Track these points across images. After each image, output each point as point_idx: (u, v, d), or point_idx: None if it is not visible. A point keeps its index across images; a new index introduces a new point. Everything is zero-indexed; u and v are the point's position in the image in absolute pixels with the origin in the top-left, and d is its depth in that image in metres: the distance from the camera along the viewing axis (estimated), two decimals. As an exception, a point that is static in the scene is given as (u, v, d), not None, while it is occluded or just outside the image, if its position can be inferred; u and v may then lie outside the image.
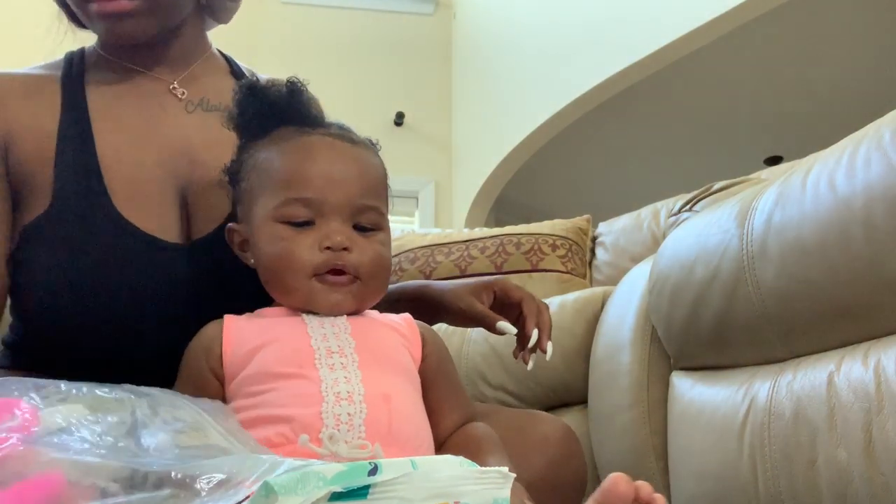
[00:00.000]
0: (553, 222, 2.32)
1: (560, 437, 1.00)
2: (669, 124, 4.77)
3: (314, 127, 0.89)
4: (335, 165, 0.85)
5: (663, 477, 1.37)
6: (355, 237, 0.83)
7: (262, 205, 0.85)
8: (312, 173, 0.83)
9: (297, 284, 0.82)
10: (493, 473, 0.49)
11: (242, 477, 0.43)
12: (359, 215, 0.84)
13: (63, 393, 0.54)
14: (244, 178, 0.89)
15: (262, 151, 0.88)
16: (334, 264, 0.82)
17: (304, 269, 0.82)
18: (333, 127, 0.91)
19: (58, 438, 0.46)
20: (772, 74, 4.28)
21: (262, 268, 0.86)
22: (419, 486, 0.46)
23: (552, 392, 1.70)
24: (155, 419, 0.54)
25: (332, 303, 0.83)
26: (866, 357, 0.95)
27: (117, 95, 1.01)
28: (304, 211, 0.82)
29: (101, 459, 0.44)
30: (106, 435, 0.50)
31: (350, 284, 0.83)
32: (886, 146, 0.94)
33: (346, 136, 0.89)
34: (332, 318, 0.83)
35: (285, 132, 0.88)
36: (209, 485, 0.43)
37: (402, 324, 0.88)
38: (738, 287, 1.12)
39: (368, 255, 0.83)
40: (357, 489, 0.45)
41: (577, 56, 4.20)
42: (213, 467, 0.45)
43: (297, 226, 0.83)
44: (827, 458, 0.96)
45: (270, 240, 0.83)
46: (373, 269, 0.84)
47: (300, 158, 0.85)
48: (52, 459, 0.43)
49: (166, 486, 0.43)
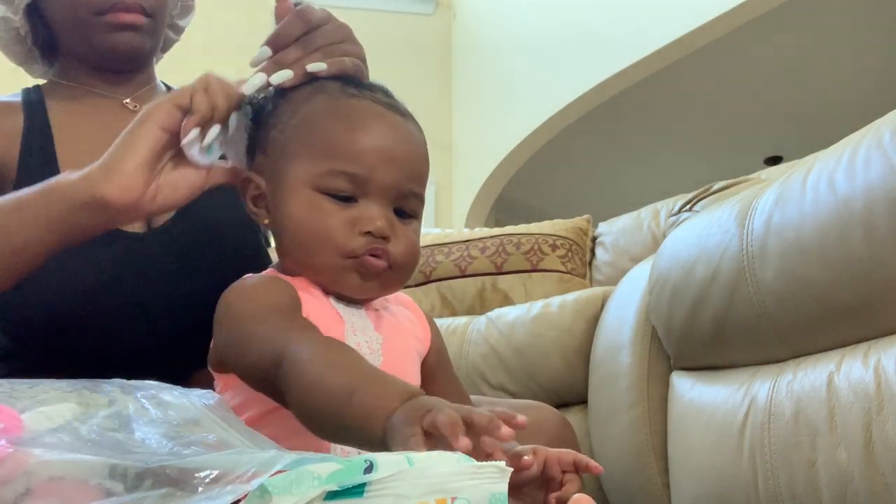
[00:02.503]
0: (553, 222, 2.32)
1: (554, 425, 1.01)
2: (670, 124, 4.77)
3: (359, 88, 0.82)
4: (389, 143, 0.78)
5: (663, 477, 1.37)
6: (395, 224, 0.78)
7: (299, 167, 0.78)
8: (364, 147, 0.77)
9: (328, 262, 0.76)
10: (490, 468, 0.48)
11: (239, 472, 0.43)
12: (402, 200, 0.79)
13: (49, 392, 0.54)
14: (276, 128, 0.81)
15: (304, 105, 0.81)
16: (372, 251, 0.76)
17: (339, 249, 0.76)
18: (379, 91, 0.83)
19: (49, 438, 0.46)
20: (772, 74, 4.28)
21: (288, 235, 0.79)
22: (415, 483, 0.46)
23: (552, 392, 1.70)
24: (147, 413, 0.54)
25: (364, 287, 0.78)
26: (866, 357, 0.95)
27: (76, 111, 1.06)
28: (347, 185, 0.76)
29: (94, 457, 0.44)
30: (97, 432, 0.49)
31: (383, 271, 0.78)
32: (886, 146, 0.94)
33: (396, 106, 0.83)
34: (358, 310, 0.80)
35: (328, 86, 0.81)
36: (205, 481, 0.43)
37: (413, 319, 0.86)
38: (738, 287, 1.12)
39: (405, 246, 0.78)
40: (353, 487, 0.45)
41: (576, 56, 4.20)
42: (210, 463, 0.44)
43: (338, 199, 0.77)
44: (827, 459, 0.96)
45: (305, 209, 0.77)
46: (406, 261, 0.79)
47: (351, 127, 0.78)
48: (46, 461, 0.43)
49: (161, 482, 0.42)
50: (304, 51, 0.83)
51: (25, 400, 0.51)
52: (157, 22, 1.06)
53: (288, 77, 0.81)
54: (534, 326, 1.74)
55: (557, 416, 1.03)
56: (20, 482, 0.42)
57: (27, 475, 0.42)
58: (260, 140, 0.83)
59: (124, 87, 1.09)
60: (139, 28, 1.02)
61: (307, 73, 0.81)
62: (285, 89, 0.82)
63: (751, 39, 3.84)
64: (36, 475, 0.42)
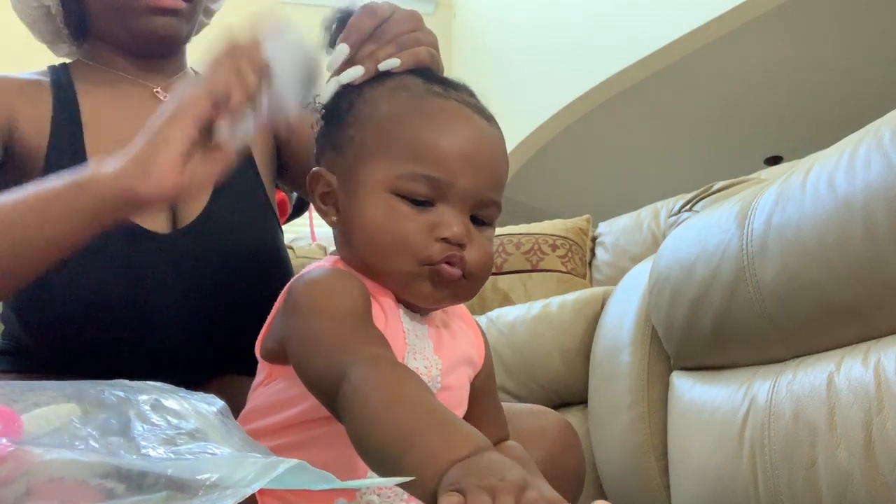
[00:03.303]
0: (553, 222, 2.32)
1: (558, 429, 1.00)
2: (669, 124, 4.77)
3: (444, 87, 0.78)
4: (474, 147, 0.74)
5: (663, 477, 1.37)
6: (473, 231, 0.74)
7: (377, 168, 0.74)
8: (448, 150, 0.73)
9: (403, 269, 0.72)
10: None
11: (240, 476, 0.43)
12: (481, 208, 0.75)
13: (49, 394, 0.53)
14: (352, 126, 0.77)
15: (385, 103, 0.76)
16: (449, 258, 0.72)
17: (414, 255, 0.72)
18: (464, 91, 0.79)
19: (48, 440, 0.46)
20: (772, 74, 4.27)
21: (361, 238, 0.74)
22: None
23: (552, 392, 1.70)
24: (149, 416, 0.54)
25: (435, 296, 0.74)
26: (866, 357, 0.95)
27: (105, 98, 1.03)
28: (427, 190, 0.72)
29: (95, 458, 0.44)
30: (97, 434, 0.49)
31: (458, 280, 0.73)
32: (886, 146, 0.94)
33: (481, 108, 0.79)
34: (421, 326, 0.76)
35: (411, 83, 0.77)
36: (206, 483, 0.42)
37: (472, 338, 0.82)
38: (738, 287, 1.12)
39: (480, 255, 0.74)
40: None
41: (576, 56, 4.20)
42: (211, 466, 0.44)
43: (415, 203, 0.72)
44: (827, 459, 0.96)
45: (381, 212, 0.72)
46: (481, 271, 0.75)
47: (436, 128, 0.74)
48: (46, 461, 0.43)
49: (162, 485, 0.42)
50: (377, 44, 0.79)
51: (25, 402, 0.51)
52: (196, 7, 1.04)
53: (359, 75, 0.78)
54: (534, 326, 1.74)
55: (560, 420, 1.02)
56: (20, 482, 0.42)
57: (27, 475, 0.42)
58: (333, 137, 0.79)
59: (156, 73, 1.07)
60: (179, 13, 1.01)
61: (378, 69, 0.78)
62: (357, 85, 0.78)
63: (751, 39, 3.84)
64: (35, 475, 0.42)
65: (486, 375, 0.83)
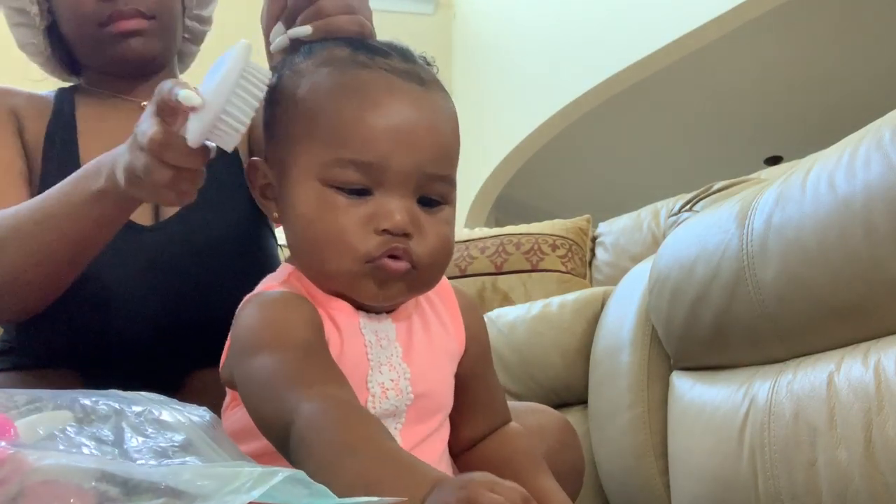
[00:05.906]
0: (553, 222, 2.32)
1: (557, 428, 1.00)
2: (670, 124, 4.77)
3: (371, 54, 0.69)
4: (405, 120, 0.66)
5: (663, 477, 1.37)
6: (418, 216, 0.66)
7: (303, 155, 0.67)
8: (375, 129, 0.65)
9: (342, 268, 0.65)
10: None
11: (237, 484, 0.43)
12: (426, 187, 0.67)
13: (44, 402, 0.53)
14: (279, 105, 0.70)
15: (307, 79, 0.69)
16: (391, 251, 0.65)
17: (352, 253, 0.65)
18: (395, 56, 0.69)
19: (43, 445, 0.46)
20: (772, 74, 4.28)
21: (297, 236, 0.69)
22: None
23: (552, 392, 1.70)
24: (143, 428, 0.53)
25: (383, 295, 0.67)
26: (866, 357, 0.95)
27: (100, 113, 1.09)
28: (359, 177, 0.65)
29: (90, 463, 0.44)
30: (91, 444, 0.49)
31: (406, 274, 0.66)
32: (886, 146, 0.94)
33: (414, 73, 0.69)
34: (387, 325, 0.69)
35: (337, 54, 0.69)
36: (202, 493, 0.42)
37: (448, 322, 0.75)
38: (737, 287, 1.12)
39: (431, 242, 0.67)
40: None
41: (577, 56, 4.20)
42: (207, 474, 0.44)
43: (349, 193, 0.65)
44: (827, 459, 0.96)
45: (313, 206, 0.66)
46: (434, 259, 0.68)
47: (359, 105, 0.65)
48: (41, 466, 0.43)
49: (158, 492, 0.42)
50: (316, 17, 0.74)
51: (20, 409, 0.51)
52: (163, 22, 1.06)
53: (307, 32, 0.72)
54: (534, 326, 1.74)
55: (560, 418, 1.02)
56: (15, 485, 0.41)
57: (23, 478, 0.42)
58: (267, 119, 0.71)
59: (147, 89, 1.09)
60: (143, 32, 1.03)
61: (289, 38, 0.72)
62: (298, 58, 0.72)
63: (751, 40, 3.84)
64: (30, 478, 0.42)
65: (474, 359, 0.76)
